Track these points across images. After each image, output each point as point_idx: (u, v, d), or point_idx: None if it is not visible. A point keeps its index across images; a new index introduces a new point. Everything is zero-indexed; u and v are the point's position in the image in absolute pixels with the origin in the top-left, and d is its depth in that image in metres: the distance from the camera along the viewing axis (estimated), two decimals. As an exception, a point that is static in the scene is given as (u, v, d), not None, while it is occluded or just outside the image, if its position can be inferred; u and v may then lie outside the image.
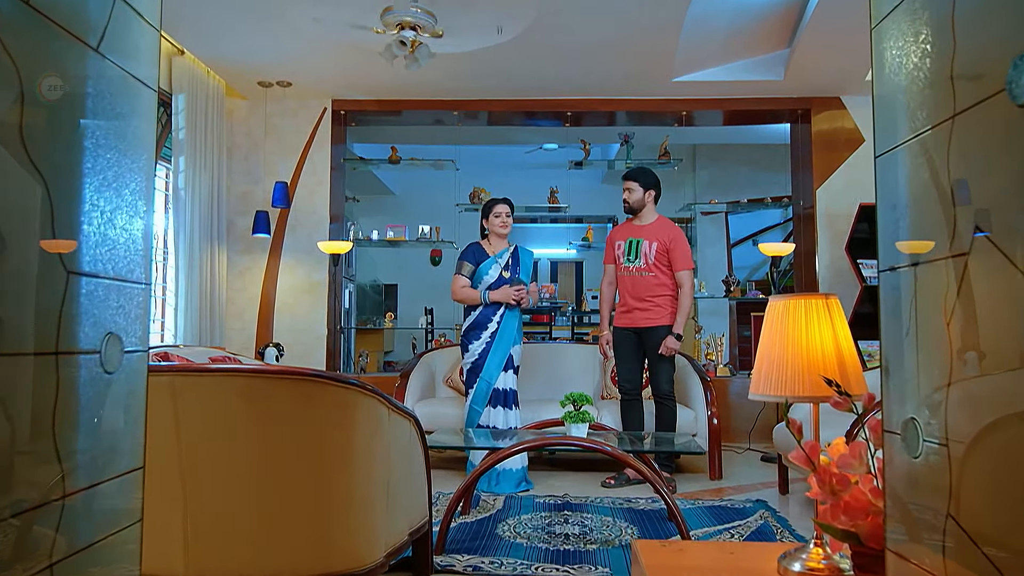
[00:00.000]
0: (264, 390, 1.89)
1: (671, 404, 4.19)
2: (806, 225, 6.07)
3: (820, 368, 1.37)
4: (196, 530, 1.92)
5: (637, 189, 4.21)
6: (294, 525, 1.95)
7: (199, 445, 1.91)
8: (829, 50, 5.03)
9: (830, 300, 1.43)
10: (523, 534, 3.14)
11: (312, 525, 1.96)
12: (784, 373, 1.39)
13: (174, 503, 1.92)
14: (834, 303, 1.43)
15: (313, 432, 1.95)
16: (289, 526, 1.94)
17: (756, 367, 1.46)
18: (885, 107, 1.15)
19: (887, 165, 1.14)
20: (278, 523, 1.94)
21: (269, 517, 1.94)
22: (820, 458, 1.28)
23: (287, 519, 1.94)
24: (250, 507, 1.93)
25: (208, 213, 5.40)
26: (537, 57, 5.15)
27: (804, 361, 1.38)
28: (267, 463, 1.92)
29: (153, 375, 1.90)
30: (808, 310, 1.41)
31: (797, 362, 1.38)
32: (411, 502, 2.45)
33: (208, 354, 3.96)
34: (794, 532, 3.19)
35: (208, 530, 1.93)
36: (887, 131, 1.13)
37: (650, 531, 3.21)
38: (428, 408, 4.73)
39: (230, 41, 4.92)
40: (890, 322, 1.13)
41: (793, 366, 1.38)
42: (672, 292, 4.16)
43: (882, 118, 1.15)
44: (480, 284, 4.22)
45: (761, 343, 1.48)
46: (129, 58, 1.10)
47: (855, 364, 1.40)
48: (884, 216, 1.14)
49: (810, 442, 1.26)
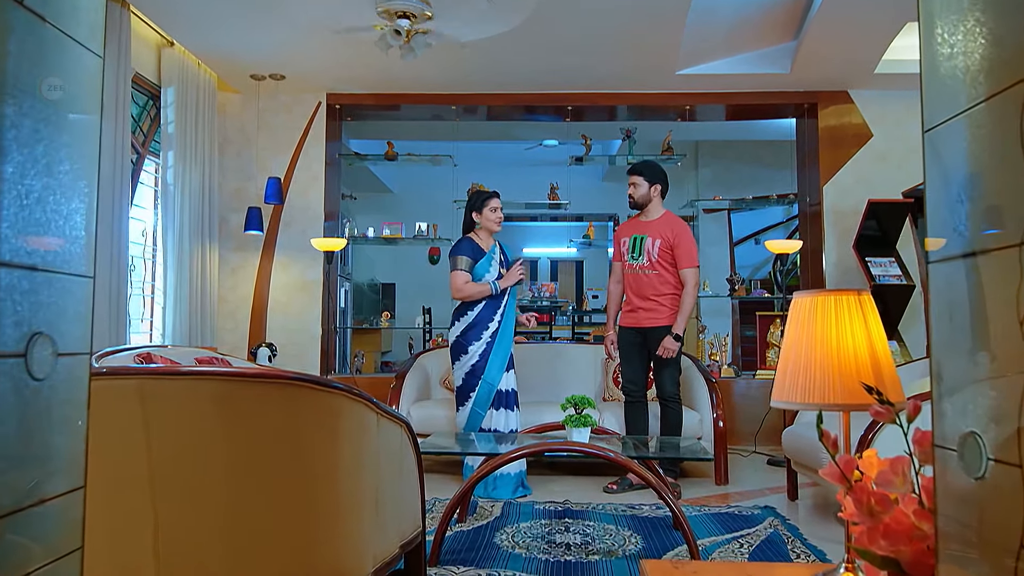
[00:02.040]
0: (240, 395, 1.74)
1: (676, 407, 4.04)
2: (812, 222, 5.93)
3: (853, 372, 1.22)
4: (168, 547, 1.78)
5: (642, 184, 4.06)
6: (275, 541, 1.80)
7: (171, 455, 1.77)
8: (838, 42, 4.89)
9: (863, 296, 1.28)
10: (522, 543, 3.00)
11: (294, 541, 1.82)
12: (812, 378, 1.24)
13: (144, 518, 1.78)
14: (867, 300, 1.28)
15: (295, 440, 1.80)
16: (269, 542, 1.80)
17: (780, 371, 1.32)
18: (936, 73, 1.00)
19: (940, 140, 0.99)
20: (257, 539, 1.80)
21: (248, 532, 1.79)
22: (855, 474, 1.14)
23: (267, 534, 1.80)
24: (227, 522, 1.79)
25: (199, 209, 5.25)
26: (537, 49, 5.00)
27: (835, 365, 1.23)
28: (245, 474, 1.78)
29: (119, 379, 1.75)
30: (839, 308, 1.26)
31: (827, 366, 1.24)
32: (403, 513, 2.31)
33: (195, 355, 3.81)
34: (806, 542, 3.04)
35: (181, 547, 1.79)
36: (939, 100, 0.99)
37: (655, 541, 3.06)
38: (424, 410, 4.59)
39: (221, 32, 4.77)
40: (943, 320, 0.98)
41: (823, 370, 1.24)
42: (677, 291, 4.01)
43: (933, 86, 1.00)
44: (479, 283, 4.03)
45: (785, 345, 1.33)
46: (65, 17, 0.96)
47: (891, 368, 1.25)
48: (935, 198, 0.99)
49: (845, 457, 1.12)
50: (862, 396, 1.22)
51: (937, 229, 1.00)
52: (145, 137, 5.04)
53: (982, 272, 0.91)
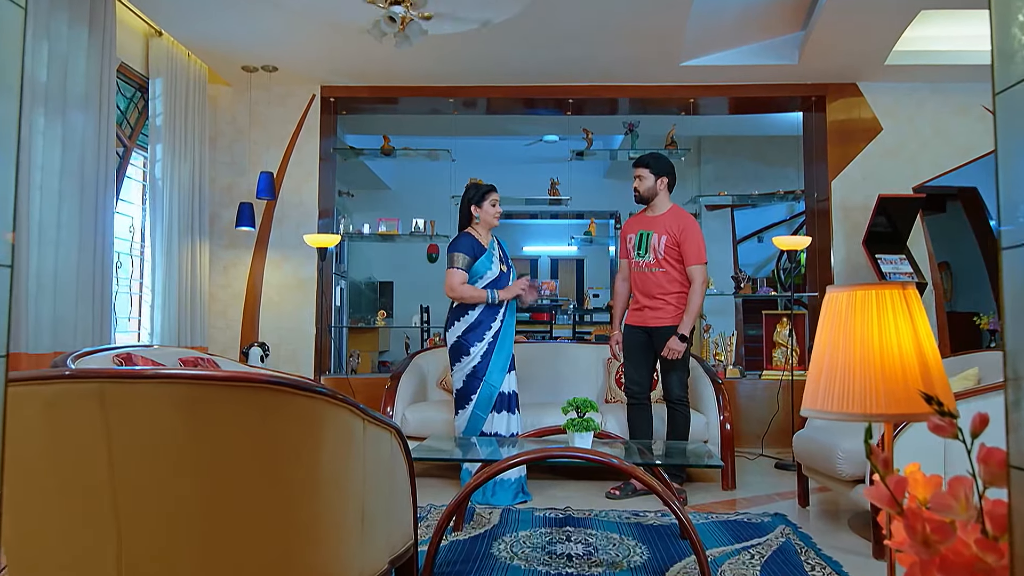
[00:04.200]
0: (209, 400, 1.58)
1: (684, 410, 3.88)
2: (820, 219, 5.77)
3: (899, 377, 1.06)
4: (132, 561, 1.62)
5: (648, 176, 3.89)
6: (248, 557, 1.65)
7: (135, 464, 1.61)
8: (848, 31, 4.73)
9: (908, 291, 1.12)
10: (521, 554, 2.84)
11: (270, 557, 1.66)
12: (851, 385, 1.09)
13: (106, 532, 1.62)
14: (912, 295, 1.12)
15: (270, 449, 1.64)
16: (243, 558, 1.64)
17: (812, 376, 1.16)
18: (1008, 22, 0.84)
19: (1014, 102, 0.83)
20: (229, 555, 1.64)
21: (219, 548, 1.63)
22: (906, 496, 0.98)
23: (240, 550, 1.64)
24: (196, 536, 1.63)
25: (188, 205, 5.09)
26: (537, 39, 4.84)
27: (877, 369, 1.07)
28: (215, 485, 1.62)
29: (78, 383, 1.60)
30: (881, 303, 1.10)
31: (869, 370, 1.08)
32: (392, 526, 2.15)
33: (180, 355, 3.65)
34: (820, 552, 2.88)
35: (146, 562, 1.63)
36: (1015, 56, 0.83)
37: (661, 551, 2.90)
38: (420, 413, 4.42)
39: (211, 22, 4.60)
40: (1019, 318, 0.82)
41: (864, 376, 1.08)
42: (685, 289, 3.84)
43: (1005, 41, 0.84)
44: (480, 281, 3.81)
45: (817, 346, 1.17)
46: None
47: (941, 373, 1.10)
48: (1009, 171, 0.83)
49: (896, 476, 0.96)
50: (910, 405, 1.06)
51: (1012, 209, 0.84)
52: (132, 130, 4.88)
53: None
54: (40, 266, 3.63)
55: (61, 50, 3.78)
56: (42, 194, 3.65)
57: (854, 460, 3.01)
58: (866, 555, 2.89)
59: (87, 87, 3.96)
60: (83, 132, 3.93)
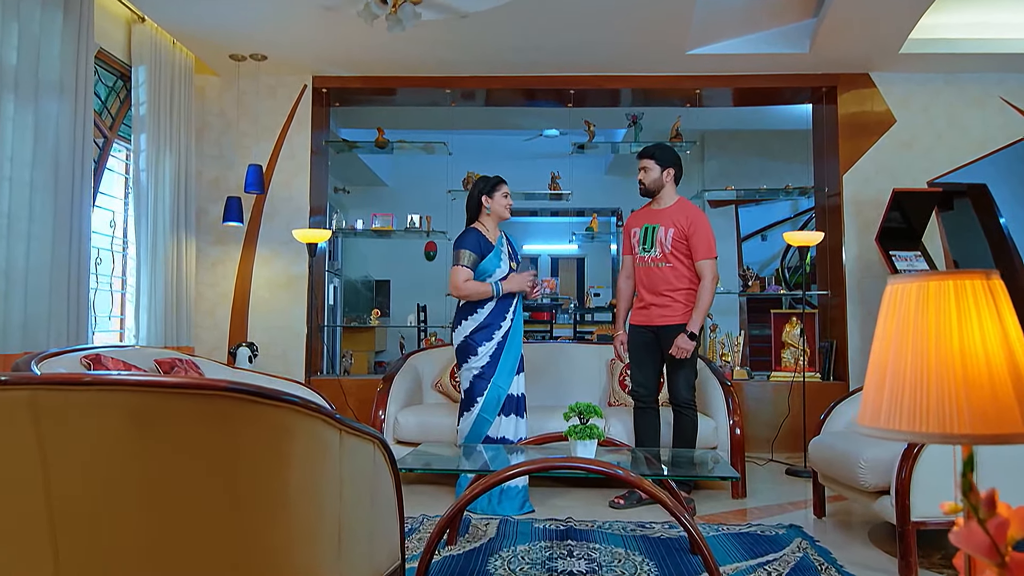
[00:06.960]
0: (160, 410, 1.37)
1: (691, 414, 3.67)
2: (831, 214, 5.55)
3: (986, 388, 0.86)
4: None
5: (654, 168, 3.68)
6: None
7: (75, 482, 1.40)
8: (863, 18, 4.52)
9: (992, 280, 0.91)
10: (519, 571, 2.63)
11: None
12: (924, 398, 0.88)
13: (41, 559, 1.42)
14: (998, 286, 0.91)
15: (231, 465, 1.44)
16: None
17: (871, 386, 0.95)
18: None
19: None
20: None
21: (172, 574, 1.43)
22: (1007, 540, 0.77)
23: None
24: (145, 562, 1.42)
25: (174, 199, 4.88)
26: (537, 25, 4.63)
27: (958, 378, 0.86)
28: (167, 506, 1.41)
29: (7, 390, 1.38)
30: (960, 296, 0.89)
31: (947, 380, 0.87)
32: (375, 545, 1.94)
33: (158, 355, 3.44)
34: (842, 569, 2.67)
35: (90, 598, 1.42)
36: None
37: (670, 568, 2.69)
38: (414, 416, 4.21)
39: (196, 6, 4.39)
40: None
41: (940, 387, 0.87)
42: (693, 285, 3.63)
43: None
44: (488, 279, 3.60)
45: (876, 350, 0.96)
46: None
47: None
48: None
49: (1000, 519, 0.75)
50: (1001, 423, 0.85)
51: None
52: (113, 120, 4.66)
53: None
54: (9, 261, 3.42)
55: (33, 32, 3.57)
56: (11, 185, 3.44)
57: (877, 469, 2.79)
58: (891, 572, 2.68)
59: (62, 73, 3.75)
60: (57, 120, 3.72)
